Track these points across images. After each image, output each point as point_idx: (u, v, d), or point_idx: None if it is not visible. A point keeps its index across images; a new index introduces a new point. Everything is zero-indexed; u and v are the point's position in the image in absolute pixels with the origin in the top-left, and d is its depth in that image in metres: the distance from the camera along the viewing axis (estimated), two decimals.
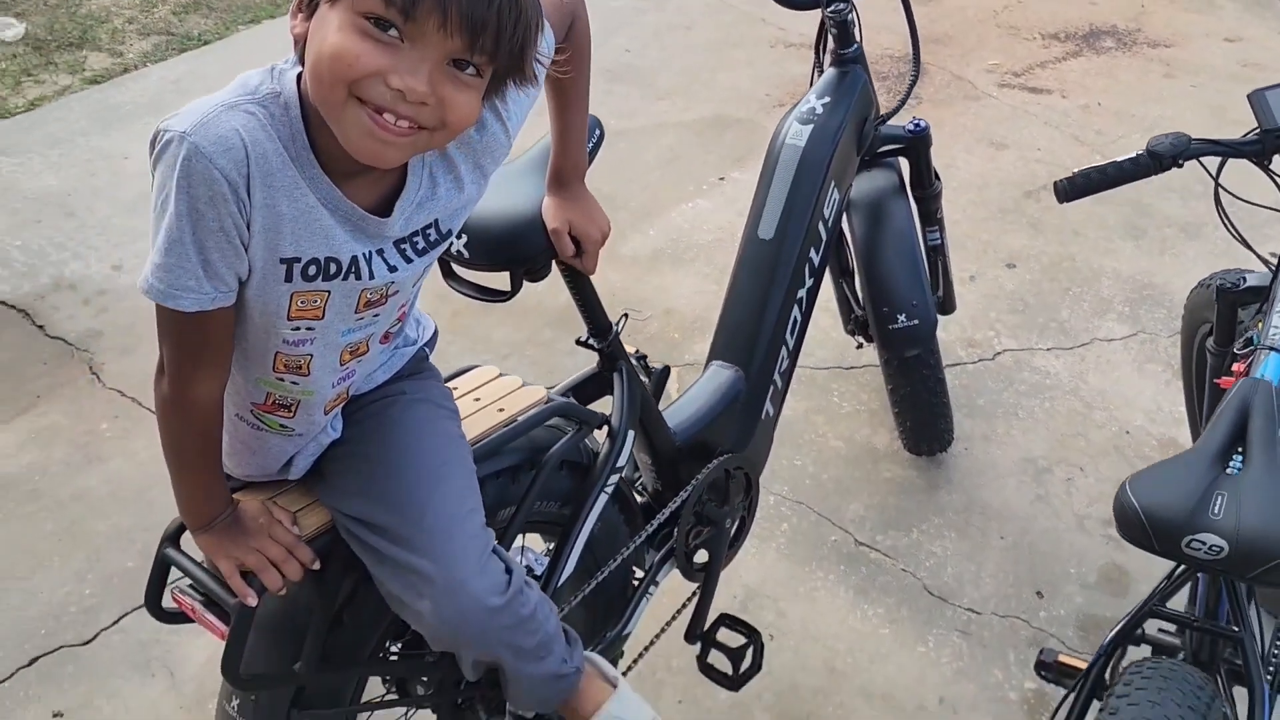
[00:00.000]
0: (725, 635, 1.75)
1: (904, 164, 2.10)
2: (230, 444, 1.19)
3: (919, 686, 1.91)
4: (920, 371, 2.09)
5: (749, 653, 1.73)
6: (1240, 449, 1.24)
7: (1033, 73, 4.10)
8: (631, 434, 1.55)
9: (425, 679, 1.43)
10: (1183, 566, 1.36)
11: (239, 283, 1.02)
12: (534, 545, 1.61)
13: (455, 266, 1.39)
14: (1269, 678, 1.34)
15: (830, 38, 1.87)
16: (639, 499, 1.79)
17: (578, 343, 1.57)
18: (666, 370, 1.81)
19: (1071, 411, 2.53)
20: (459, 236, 1.32)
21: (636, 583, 1.70)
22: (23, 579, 2.07)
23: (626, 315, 1.57)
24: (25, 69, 3.79)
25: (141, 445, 2.36)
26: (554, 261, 1.41)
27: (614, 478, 1.52)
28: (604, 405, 1.55)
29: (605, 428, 1.54)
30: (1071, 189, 1.58)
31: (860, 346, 2.32)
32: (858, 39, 1.86)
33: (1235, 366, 1.51)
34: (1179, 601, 1.48)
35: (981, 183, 3.40)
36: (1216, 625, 1.33)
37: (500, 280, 1.37)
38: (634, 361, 1.86)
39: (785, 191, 1.79)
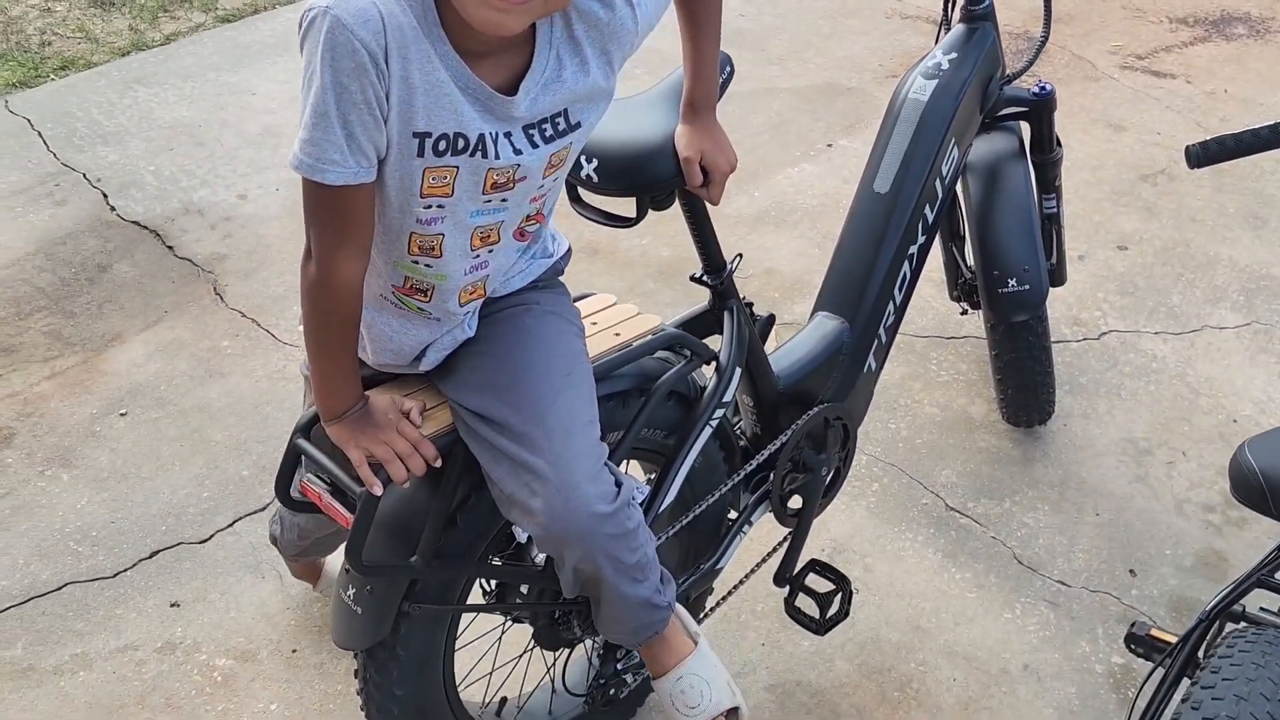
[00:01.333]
0: (814, 581, 1.78)
1: (1025, 129, 2.08)
2: (372, 329, 1.25)
3: (1003, 651, 1.91)
4: (1026, 339, 2.07)
5: (836, 599, 1.75)
6: None
7: (1157, 56, 3.98)
8: (739, 371, 1.57)
9: (526, 588, 1.49)
10: None
11: (379, 160, 1.07)
12: (635, 474, 1.65)
13: (582, 192, 1.43)
14: None
15: None
16: (742, 443, 1.82)
17: (692, 279, 1.60)
18: (772, 318, 1.83)
19: (1177, 396, 2.48)
20: (589, 160, 1.36)
21: (730, 522, 1.74)
22: (147, 479, 2.19)
23: (741, 255, 1.59)
24: (162, 5, 3.94)
25: (259, 364, 2.47)
26: (677, 192, 1.44)
27: (719, 412, 1.55)
28: (713, 344, 1.58)
29: (713, 364, 1.57)
30: (1204, 154, 1.55)
31: (965, 313, 2.30)
32: None
33: None
34: None
35: (1097, 163, 3.33)
36: None
37: (626, 207, 1.41)
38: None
39: (904, 146, 1.79)
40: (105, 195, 2.99)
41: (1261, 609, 1.40)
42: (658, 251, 2.89)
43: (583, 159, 1.36)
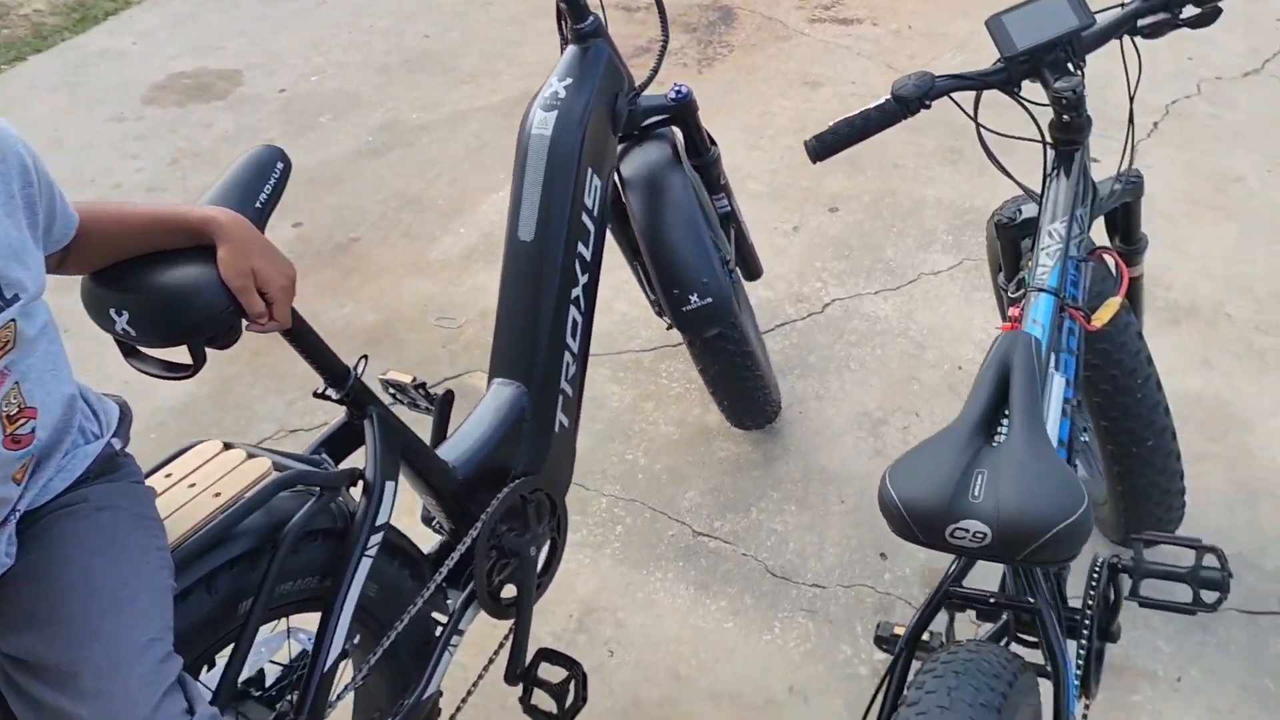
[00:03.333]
0: (547, 671, 1.64)
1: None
2: None
3: (766, 678, 1.82)
4: (726, 349, 1.99)
5: (572, 685, 1.62)
6: (1006, 414, 1.17)
7: (842, 4, 4.02)
8: (391, 485, 1.41)
9: None
10: None
11: None
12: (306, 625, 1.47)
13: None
14: (1088, 622, 1.26)
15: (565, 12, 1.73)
16: (440, 537, 1.67)
17: (315, 395, 1.41)
18: (450, 396, 1.68)
19: (903, 355, 2.47)
20: (119, 313, 1.15)
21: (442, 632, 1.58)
22: None
23: (365, 357, 1.42)
24: None
25: None
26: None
27: (376, 538, 1.37)
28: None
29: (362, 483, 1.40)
30: (821, 147, 1.49)
31: (670, 327, 2.20)
32: (593, 12, 1.72)
33: (1012, 311, 1.43)
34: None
35: (799, 126, 3.31)
36: (1013, 599, 1.26)
37: (184, 353, 1.21)
38: (417, 392, 1.73)
39: (539, 187, 1.66)
40: None
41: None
42: (361, 319, 2.69)
43: (112, 312, 1.15)
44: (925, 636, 1.33)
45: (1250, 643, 1.79)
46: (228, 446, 1.34)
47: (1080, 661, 1.30)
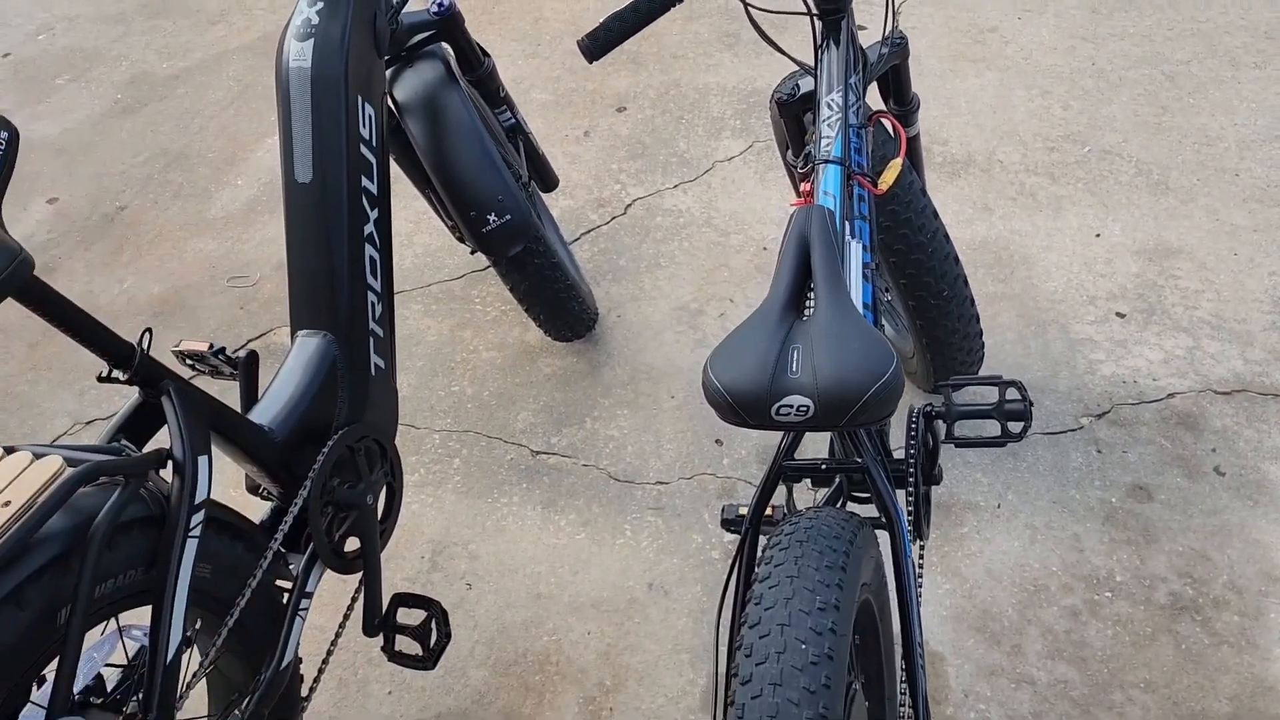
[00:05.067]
0: (405, 615, 1.62)
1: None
2: None
3: (625, 580, 1.86)
4: (532, 263, 1.96)
5: (433, 624, 1.60)
6: (812, 287, 1.19)
7: None
8: (204, 460, 1.33)
9: None
10: None
11: None
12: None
13: None
14: (897, 471, 1.33)
15: None
16: (272, 503, 1.60)
17: (100, 379, 1.31)
18: (254, 357, 1.59)
19: (710, 244, 2.50)
20: None
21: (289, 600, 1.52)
22: None
23: (150, 330, 1.32)
24: None
25: None
26: None
27: (197, 517, 1.30)
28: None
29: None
30: (595, 46, 1.46)
31: (474, 252, 2.15)
32: None
33: (803, 186, 1.46)
34: None
35: (573, 29, 3.25)
36: (843, 462, 1.31)
37: None
38: (217, 359, 1.63)
39: (308, 123, 1.57)
40: None
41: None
42: (146, 292, 2.50)
43: None
44: (768, 511, 1.38)
45: (1055, 461, 1.95)
46: (9, 450, 1.23)
47: (910, 507, 1.38)
